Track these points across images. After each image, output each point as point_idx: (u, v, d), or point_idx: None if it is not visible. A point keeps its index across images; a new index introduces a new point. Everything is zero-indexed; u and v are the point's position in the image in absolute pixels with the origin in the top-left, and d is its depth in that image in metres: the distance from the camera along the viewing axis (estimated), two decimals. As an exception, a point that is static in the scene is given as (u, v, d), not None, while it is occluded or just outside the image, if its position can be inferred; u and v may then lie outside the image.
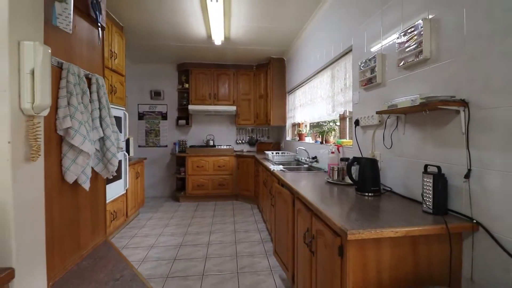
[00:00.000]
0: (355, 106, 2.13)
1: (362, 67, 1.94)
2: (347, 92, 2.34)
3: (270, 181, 2.85)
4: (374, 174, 1.60)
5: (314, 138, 3.57)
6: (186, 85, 5.04)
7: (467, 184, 1.14)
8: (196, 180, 4.68)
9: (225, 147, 5.03)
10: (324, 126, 3.16)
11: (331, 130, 3.02)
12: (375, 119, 1.80)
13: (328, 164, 2.20)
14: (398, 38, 1.53)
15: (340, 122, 2.85)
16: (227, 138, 5.44)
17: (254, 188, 4.46)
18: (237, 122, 5.19)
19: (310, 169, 2.96)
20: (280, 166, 2.89)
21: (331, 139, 2.98)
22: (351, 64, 2.22)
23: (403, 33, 1.49)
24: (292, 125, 4.53)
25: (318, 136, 3.29)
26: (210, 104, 5.00)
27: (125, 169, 3.33)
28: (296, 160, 3.64)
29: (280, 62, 4.67)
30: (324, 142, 3.01)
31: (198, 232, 3.30)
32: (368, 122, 1.90)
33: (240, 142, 5.45)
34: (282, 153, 3.80)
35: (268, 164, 3.14)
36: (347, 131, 2.69)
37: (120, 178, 3.22)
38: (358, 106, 2.08)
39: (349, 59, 2.29)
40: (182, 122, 5.12)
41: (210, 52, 4.43)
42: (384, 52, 1.73)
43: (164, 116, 5.24)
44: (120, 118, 3.26)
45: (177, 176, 5.02)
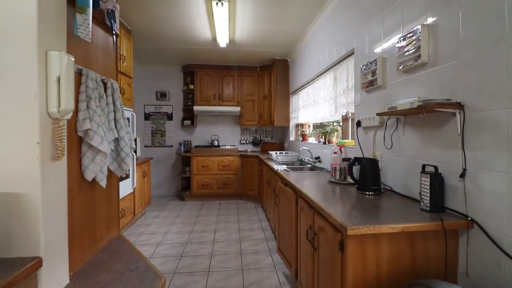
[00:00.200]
0: (357, 107, 2.19)
1: (364, 70, 1.99)
2: (349, 94, 2.39)
3: (274, 180, 2.91)
4: (374, 173, 1.66)
5: (317, 138, 3.62)
6: (191, 86, 5.13)
7: (462, 183, 1.19)
8: (201, 179, 4.76)
9: (229, 147, 5.10)
10: (327, 127, 3.21)
11: (333, 131, 3.08)
12: (376, 120, 1.86)
13: (330, 164, 2.26)
14: (398, 42, 1.59)
15: (342, 123, 2.90)
16: (231, 138, 5.51)
17: (258, 187, 4.53)
18: (241, 122, 5.26)
19: (313, 169, 3.02)
20: (284, 166, 2.96)
21: (334, 139, 3.03)
22: (353, 66, 2.28)
23: (402, 37, 1.54)
24: (296, 125, 4.59)
25: (321, 136, 3.35)
26: (215, 105, 5.08)
27: (133, 168, 3.42)
28: (300, 160, 3.70)
29: (283, 64, 4.73)
30: (327, 143, 3.07)
31: (204, 230, 3.37)
32: (369, 123, 1.96)
33: (244, 142, 5.53)
34: (285, 153, 3.86)
35: (272, 164, 3.21)
36: (349, 132, 2.75)
37: (128, 177, 3.32)
38: (360, 108, 2.14)
39: (351, 62, 2.35)
40: (187, 122, 5.21)
41: (215, 53, 4.51)
42: (385, 55, 1.78)
43: (169, 117, 5.34)
44: (128, 118, 3.36)
45: (182, 176, 5.11)
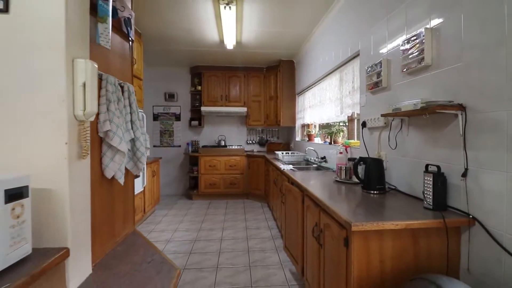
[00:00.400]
0: (362, 108, 2.23)
1: (369, 71, 2.03)
2: (355, 95, 2.43)
3: (281, 180, 2.97)
4: (379, 173, 1.70)
5: (323, 138, 3.66)
6: (199, 87, 5.22)
7: (464, 182, 1.23)
8: (208, 179, 4.85)
9: (236, 147, 5.18)
10: (333, 127, 3.25)
11: (339, 131, 3.12)
12: (381, 121, 1.90)
13: (336, 164, 2.30)
14: (402, 45, 1.63)
15: (348, 123, 2.94)
16: (238, 139, 5.59)
17: (265, 187, 4.59)
18: (247, 123, 5.33)
19: (319, 168, 3.06)
20: (290, 166, 3.01)
21: (340, 139, 3.07)
22: (359, 68, 2.32)
23: (406, 40, 1.58)
24: (302, 126, 4.63)
25: (327, 136, 3.39)
26: (222, 106, 5.15)
27: (143, 167, 3.52)
28: (306, 160, 3.74)
29: (289, 64, 4.78)
30: (333, 143, 3.11)
31: (211, 228, 3.45)
32: (374, 124, 2.00)
33: (250, 142, 5.59)
34: (291, 153, 3.91)
35: (278, 164, 3.27)
36: (355, 132, 2.79)
37: (139, 176, 3.42)
38: (365, 109, 2.18)
39: (356, 63, 2.39)
40: (195, 123, 5.30)
41: (222, 55, 4.59)
42: (389, 57, 1.82)
43: (177, 117, 5.44)
44: (138, 119, 3.46)
45: (190, 175, 5.21)
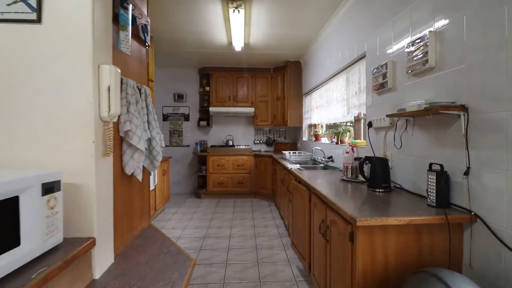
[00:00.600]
0: (368, 109, 2.28)
1: (375, 73, 2.08)
2: (361, 95, 2.48)
3: (288, 179, 3.03)
4: (384, 172, 1.75)
5: (329, 138, 3.71)
6: (207, 88, 5.32)
7: (466, 181, 1.27)
8: (216, 178, 4.94)
9: (243, 147, 5.26)
10: (340, 127, 3.29)
11: (346, 131, 3.16)
12: (387, 121, 1.94)
13: (343, 163, 2.35)
14: (407, 47, 1.67)
15: (355, 123, 2.98)
16: (245, 138, 5.67)
17: (272, 186, 4.65)
18: (255, 123, 5.40)
19: (325, 168, 3.11)
20: (297, 165, 3.07)
21: (346, 139, 3.12)
22: (365, 69, 2.36)
23: (411, 43, 1.63)
24: (309, 126, 4.68)
25: (333, 136, 3.44)
26: (230, 106, 5.24)
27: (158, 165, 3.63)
28: (312, 159, 3.79)
29: (296, 65, 4.83)
30: (340, 143, 3.15)
31: (220, 226, 3.53)
32: (380, 124, 2.04)
33: (258, 142, 5.67)
34: (299, 153, 3.97)
35: (286, 163, 3.33)
36: (361, 132, 2.83)
37: (150, 174, 3.52)
38: (371, 109, 2.23)
39: (363, 64, 2.44)
40: (203, 123, 5.40)
41: (230, 57, 4.67)
42: (395, 59, 1.87)
43: (186, 118, 5.56)
44: (150, 120, 3.57)
45: (198, 174, 5.31)
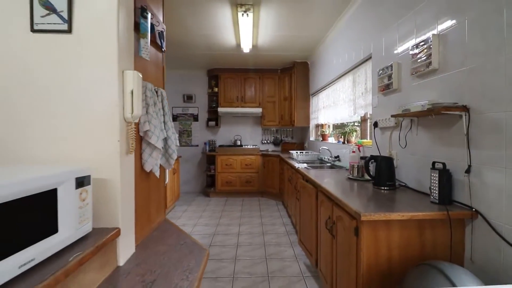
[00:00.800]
0: (374, 109, 2.33)
1: (380, 74, 2.13)
2: (367, 96, 2.53)
3: (295, 177, 3.10)
4: (389, 170, 1.81)
5: (336, 138, 3.76)
6: (216, 89, 5.43)
7: (467, 178, 1.33)
8: (225, 177, 5.04)
9: (251, 147, 5.34)
10: (346, 127, 3.34)
11: (352, 131, 3.21)
12: (392, 121, 2.00)
13: (349, 162, 2.41)
14: (412, 49, 1.73)
15: (361, 123, 3.03)
16: (253, 138, 5.75)
17: (279, 185, 4.72)
18: (262, 123, 5.48)
19: (332, 167, 3.17)
20: (304, 164, 3.14)
21: (353, 139, 3.17)
22: (371, 70, 2.42)
23: (415, 45, 1.68)
24: (316, 126, 4.73)
25: (340, 136, 3.49)
26: (238, 106, 5.34)
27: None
28: (319, 159, 3.85)
29: (304, 66, 4.89)
30: (346, 142, 3.20)
31: (229, 223, 3.63)
32: (385, 124, 2.10)
33: (265, 142, 5.75)
34: (306, 152, 4.03)
35: (293, 163, 3.40)
36: (367, 132, 2.87)
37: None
38: (377, 109, 2.28)
39: (369, 66, 2.49)
40: (212, 123, 5.51)
41: (238, 58, 4.77)
42: (400, 61, 1.92)
43: (195, 118, 5.68)
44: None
45: (207, 173, 5.43)
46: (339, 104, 3.35)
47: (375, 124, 2.27)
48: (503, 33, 1.14)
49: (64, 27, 1.10)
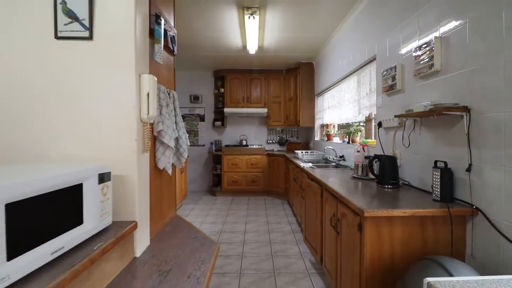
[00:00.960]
0: (379, 109, 2.38)
1: (384, 75, 2.18)
2: (371, 96, 2.58)
3: (300, 177, 3.15)
4: (393, 169, 1.85)
5: (341, 138, 3.80)
6: (222, 89, 5.51)
7: (468, 177, 1.37)
8: (231, 176, 5.12)
9: (257, 147, 5.41)
10: (351, 127, 3.39)
11: (357, 131, 3.25)
12: (396, 121, 2.04)
13: (354, 161, 2.46)
14: (415, 51, 1.77)
15: (366, 123, 3.07)
16: (258, 138, 5.82)
17: (285, 184, 4.78)
18: (268, 123, 5.55)
19: (337, 166, 3.22)
20: (309, 164, 3.19)
21: (357, 139, 3.21)
22: (375, 71, 2.46)
23: (418, 47, 1.73)
24: (321, 126, 4.77)
25: (345, 136, 3.53)
26: (243, 107, 5.41)
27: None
28: (325, 158, 3.90)
29: (309, 66, 4.94)
30: (351, 142, 3.25)
31: (235, 222, 3.70)
32: (389, 124, 2.14)
33: (270, 142, 5.81)
34: (311, 152, 4.08)
35: (298, 162, 3.45)
36: (372, 132, 2.91)
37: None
38: (381, 110, 2.32)
39: (373, 67, 2.53)
40: (218, 123, 5.60)
41: (244, 59, 4.84)
42: (403, 62, 1.96)
43: (202, 118, 5.77)
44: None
45: (213, 173, 5.51)
46: (344, 105, 3.40)
47: (379, 124, 2.31)
48: (502, 35, 1.19)
49: (86, 34, 1.19)
